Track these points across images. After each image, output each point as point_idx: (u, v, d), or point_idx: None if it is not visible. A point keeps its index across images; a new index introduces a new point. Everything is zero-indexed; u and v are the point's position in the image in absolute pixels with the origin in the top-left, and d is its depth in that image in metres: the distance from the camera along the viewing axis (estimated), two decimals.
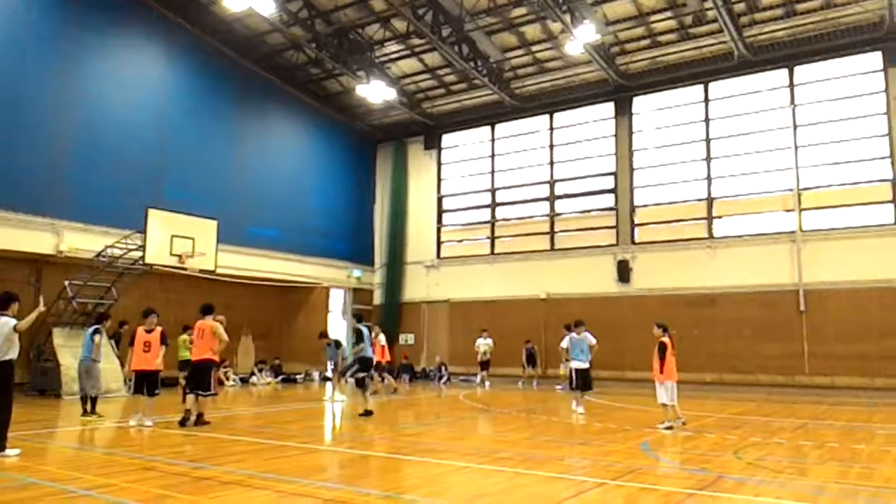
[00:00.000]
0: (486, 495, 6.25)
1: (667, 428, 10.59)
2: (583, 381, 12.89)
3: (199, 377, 10.92)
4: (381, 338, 17.70)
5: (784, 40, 19.41)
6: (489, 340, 21.59)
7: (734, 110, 20.76)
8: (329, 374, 19.15)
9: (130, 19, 19.14)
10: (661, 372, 10.89)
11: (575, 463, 7.92)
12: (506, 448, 9.01)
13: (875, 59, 18.73)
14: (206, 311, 11.23)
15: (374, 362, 14.49)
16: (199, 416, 10.89)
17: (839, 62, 19.18)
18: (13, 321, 7.89)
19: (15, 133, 16.06)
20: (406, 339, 25.72)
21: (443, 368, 23.31)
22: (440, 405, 16.32)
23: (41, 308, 8.30)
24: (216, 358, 11.30)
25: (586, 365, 12.83)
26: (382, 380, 18.25)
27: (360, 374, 13.03)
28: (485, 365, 21.53)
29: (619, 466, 7.69)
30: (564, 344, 13.19)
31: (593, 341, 12.78)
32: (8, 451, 7.76)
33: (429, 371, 24.16)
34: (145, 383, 10.99)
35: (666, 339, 11.01)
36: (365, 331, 13.17)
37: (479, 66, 21.79)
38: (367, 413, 12.46)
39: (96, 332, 11.86)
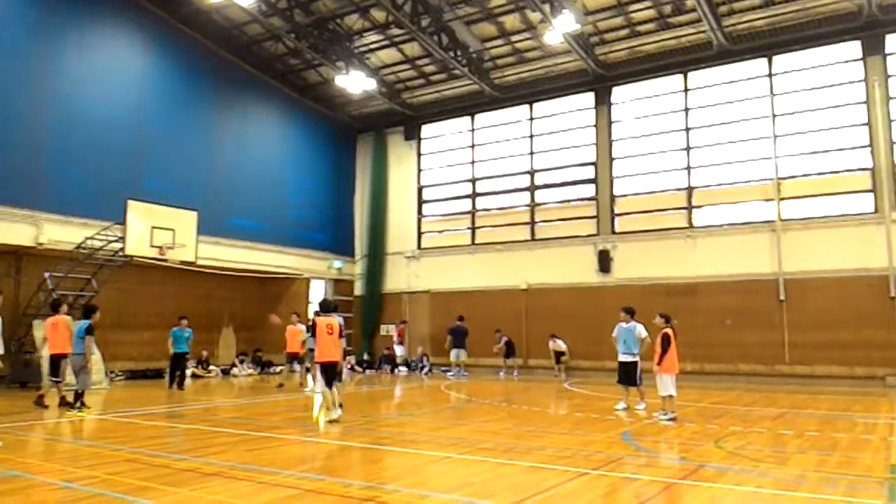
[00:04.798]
0: (467, 485, 6.24)
1: (669, 419, 10.49)
2: (622, 374, 12.09)
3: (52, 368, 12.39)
4: (301, 328, 17.08)
5: (763, 29, 19.44)
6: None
7: (713, 100, 20.77)
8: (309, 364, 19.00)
9: (108, 10, 18.97)
10: (659, 364, 10.64)
11: (557, 453, 7.90)
12: (487, 438, 9.01)
13: (854, 48, 18.82)
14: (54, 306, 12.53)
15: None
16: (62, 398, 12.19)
17: (818, 51, 19.24)
18: None
19: None
20: (387, 329, 25.66)
21: (424, 359, 23.38)
22: (421, 395, 16.30)
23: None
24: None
25: (628, 358, 11.98)
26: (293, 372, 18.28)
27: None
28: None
29: (600, 456, 7.70)
30: (615, 333, 12.25)
31: (644, 334, 11.85)
32: None
33: (410, 361, 24.09)
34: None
35: (669, 330, 10.78)
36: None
37: (459, 56, 21.68)
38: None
39: (89, 328, 11.90)
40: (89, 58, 18.24)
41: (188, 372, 20.27)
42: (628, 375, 12.05)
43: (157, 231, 16.28)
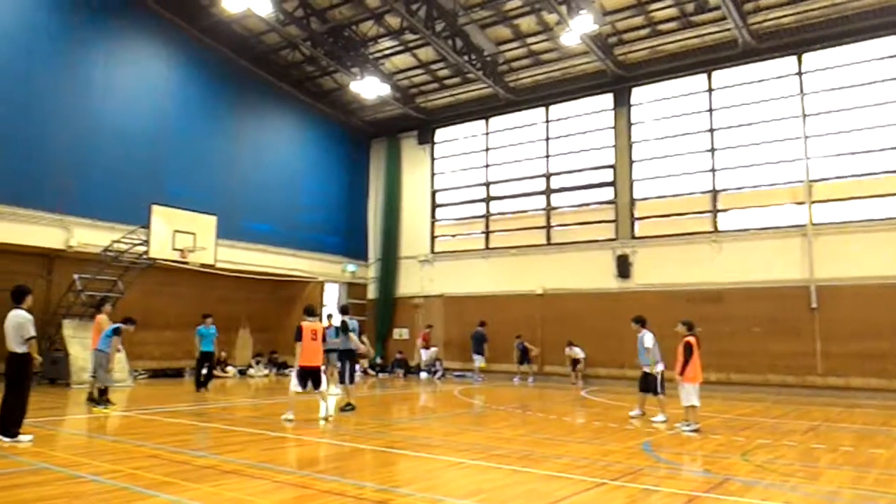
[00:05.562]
0: (481, 492, 6.13)
1: (693, 430, 10.03)
2: (639, 383, 12.01)
3: None
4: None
5: (791, 26, 18.76)
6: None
7: (739, 100, 20.07)
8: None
9: (133, 23, 19.65)
10: (682, 374, 10.21)
11: (573, 462, 7.60)
12: (502, 445, 8.82)
13: (889, 44, 17.95)
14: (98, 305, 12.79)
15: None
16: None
17: (851, 48, 18.42)
18: (28, 315, 8.34)
19: (26, 134, 16.52)
20: (400, 333, 25.49)
21: (437, 363, 23.02)
22: (435, 400, 16.08)
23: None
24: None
25: (644, 368, 11.80)
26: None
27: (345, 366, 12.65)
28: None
29: (619, 466, 7.38)
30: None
31: (647, 344, 11.62)
32: (21, 438, 8.16)
33: (421, 365, 23.70)
34: None
35: (692, 339, 10.37)
36: (353, 323, 12.88)
37: (473, 59, 21.45)
38: (349, 407, 12.17)
39: (116, 330, 12.29)
40: (115, 69, 18.89)
41: (204, 371, 20.39)
42: (645, 384, 11.81)
43: (179, 235, 16.89)
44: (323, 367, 11.19)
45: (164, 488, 5.89)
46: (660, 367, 11.63)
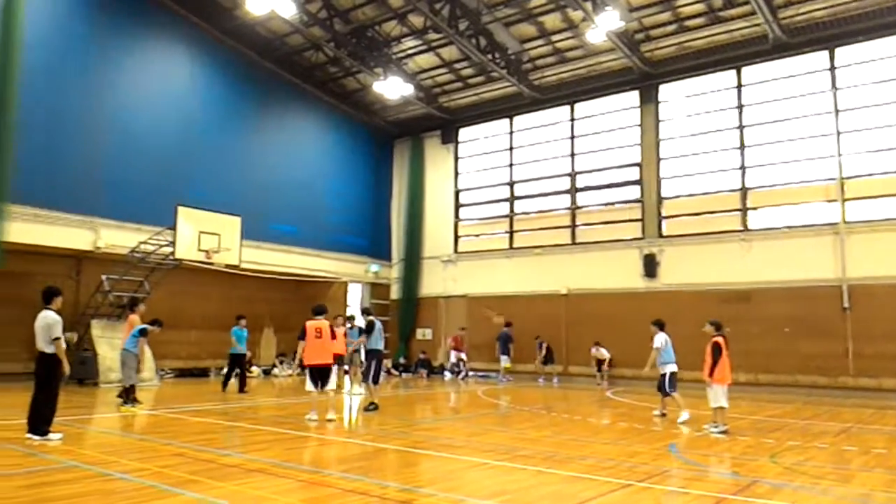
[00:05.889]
0: (505, 492, 6.06)
1: (721, 432, 9.86)
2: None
3: None
4: (343, 329, 17.12)
5: (823, 20, 18.33)
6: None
7: (770, 96, 19.67)
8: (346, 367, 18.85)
9: (158, 24, 19.95)
10: (710, 375, 10.06)
11: (598, 463, 7.50)
12: (526, 446, 8.74)
13: None
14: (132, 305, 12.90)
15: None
16: None
17: (884, 42, 17.94)
18: (57, 316, 8.41)
19: (55, 136, 16.78)
20: (423, 333, 25.52)
21: (461, 364, 22.94)
22: (458, 400, 16.02)
23: None
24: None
25: (661, 369, 11.94)
26: (345, 373, 18.20)
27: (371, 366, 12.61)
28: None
29: (645, 468, 7.27)
30: None
31: (656, 344, 11.78)
32: (52, 436, 8.27)
33: (447, 366, 23.70)
34: None
35: (720, 339, 10.21)
36: (378, 323, 12.82)
37: (497, 58, 21.37)
38: (373, 406, 12.19)
39: (143, 331, 12.36)
40: (142, 73, 19.22)
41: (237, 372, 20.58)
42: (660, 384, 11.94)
43: (205, 236, 17.03)
44: (334, 366, 11.11)
45: (190, 486, 5.95)
46: (668, 368, 11.63)
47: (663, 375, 11.76)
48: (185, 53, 20.46)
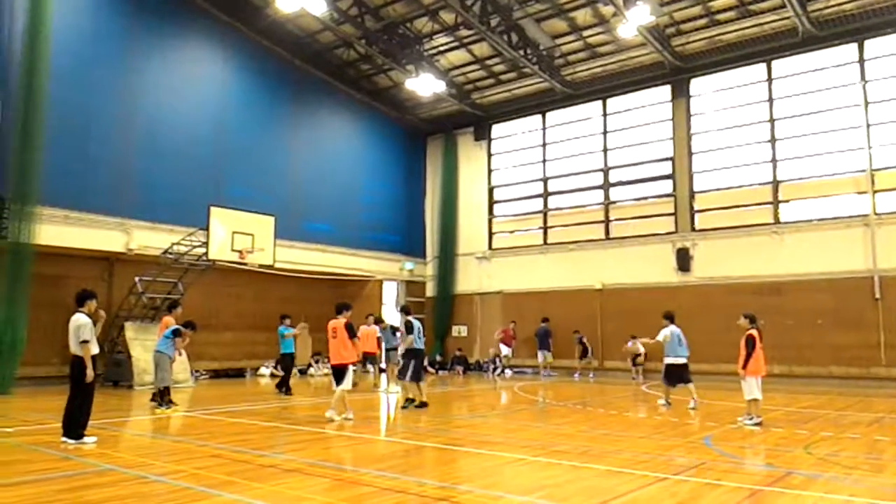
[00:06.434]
0: (542, 488, 6.15)
1: (755, 424, 10.12)
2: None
3: None
4: (375, 328, 17.28)
5: (853, 13, 18.22)
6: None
7: (800, 89, 19.65)
8: (383, 364, 19.27)
9: (189, 24, 19.72)
10: (744, 367, 10.31)
11: (634, 457, 7.69)
12: (562, 441, 8.89)
13: None
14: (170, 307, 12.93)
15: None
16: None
17: None
18: (87, 318, 8.37)
19: (87, 138, 16.76)
20: (459, 331, 25.72)
21: (497, 360, 23.14)
22: (495, 397, 16.22)
23: None
24: None
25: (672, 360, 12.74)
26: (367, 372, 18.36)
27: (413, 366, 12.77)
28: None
29: (681, 461, 7.48)
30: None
31: (659, 337, 12.76)
32: (86, 439, 8.22)
33: (483, 363, 24.05)
34: None
35: (754, 332, 10.44)
36: (416, 323, 12.97)
37: (529, 54, 21.47)
38: (422, 405, 12.47)
39: (176, 332, 12.44)
40: (173, 72, 19.13)
41: (266, 371, 20.93)
42: (668, 375, 12.66)
43: (238, 236, 16.82)
44: (354, 367, 11.02)
45: (227, 487, 5.94)
46: (668, 360, 12.46)
47: (669, 366, 12.40)
48: (216, 52, 20.30)
